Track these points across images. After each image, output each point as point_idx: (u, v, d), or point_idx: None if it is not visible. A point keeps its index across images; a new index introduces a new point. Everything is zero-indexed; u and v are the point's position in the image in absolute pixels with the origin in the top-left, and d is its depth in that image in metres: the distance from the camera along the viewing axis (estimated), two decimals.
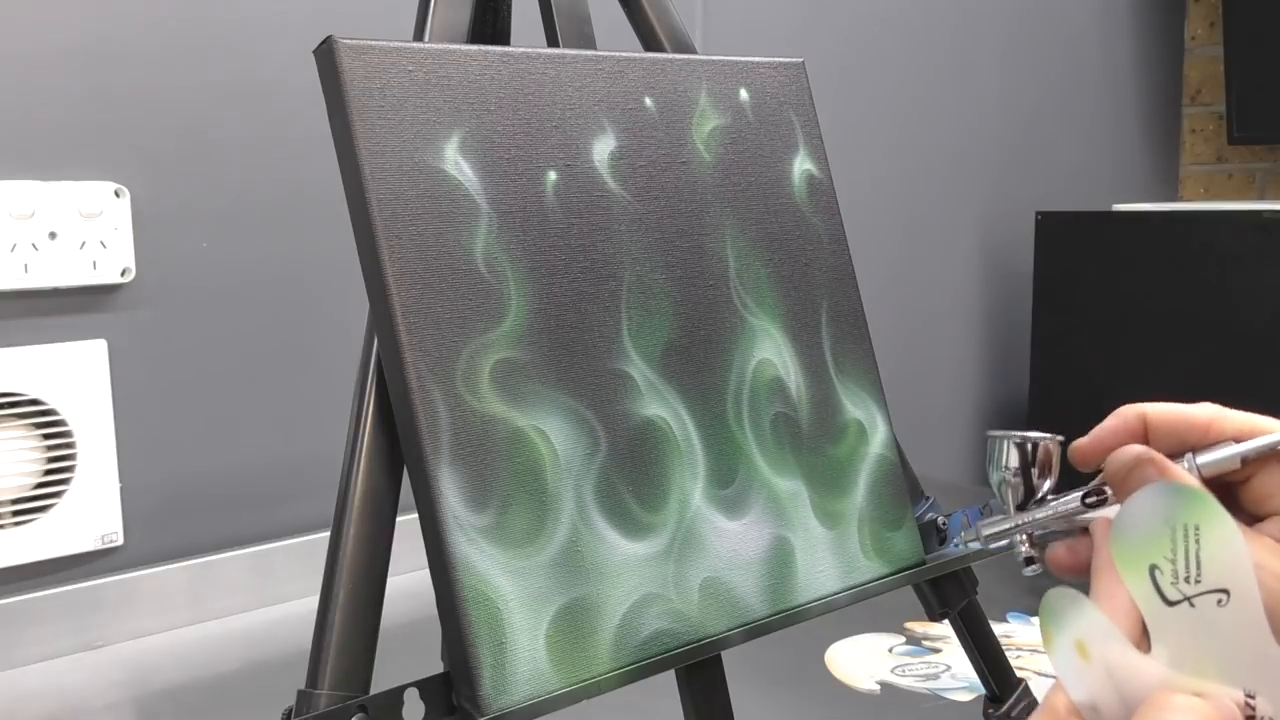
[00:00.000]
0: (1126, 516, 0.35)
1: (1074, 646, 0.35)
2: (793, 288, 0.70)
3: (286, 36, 1.37)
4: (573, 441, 0.59)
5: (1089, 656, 0.35)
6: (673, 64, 0.68)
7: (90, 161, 1.26)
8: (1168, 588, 0.34)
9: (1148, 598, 0.35)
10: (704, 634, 0.61)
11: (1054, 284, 2.08)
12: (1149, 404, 0.43)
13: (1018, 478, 0.46)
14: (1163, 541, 0.34)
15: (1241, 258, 1.86)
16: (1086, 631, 0.35)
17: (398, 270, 0.55)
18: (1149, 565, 0.34)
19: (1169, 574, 0.34)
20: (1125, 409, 0.43)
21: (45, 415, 1.24)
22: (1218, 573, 0.33)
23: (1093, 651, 0.35)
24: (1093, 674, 0.35)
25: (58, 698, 1.15)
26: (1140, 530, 0.35)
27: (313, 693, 0.53)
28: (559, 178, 0.61)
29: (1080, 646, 0.35)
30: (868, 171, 1.99)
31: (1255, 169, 2.58)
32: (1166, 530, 0.34)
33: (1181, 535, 0.34)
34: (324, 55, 0.56)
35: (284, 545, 1.41)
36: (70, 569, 1.28)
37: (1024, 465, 0.46)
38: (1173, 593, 0.34)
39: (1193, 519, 0.34)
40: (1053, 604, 0.36)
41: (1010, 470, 0.46)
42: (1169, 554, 0.34)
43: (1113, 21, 2.48)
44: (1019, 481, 0.46)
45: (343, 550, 0.56)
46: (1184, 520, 0.34)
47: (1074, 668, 0.35)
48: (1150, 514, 0.34)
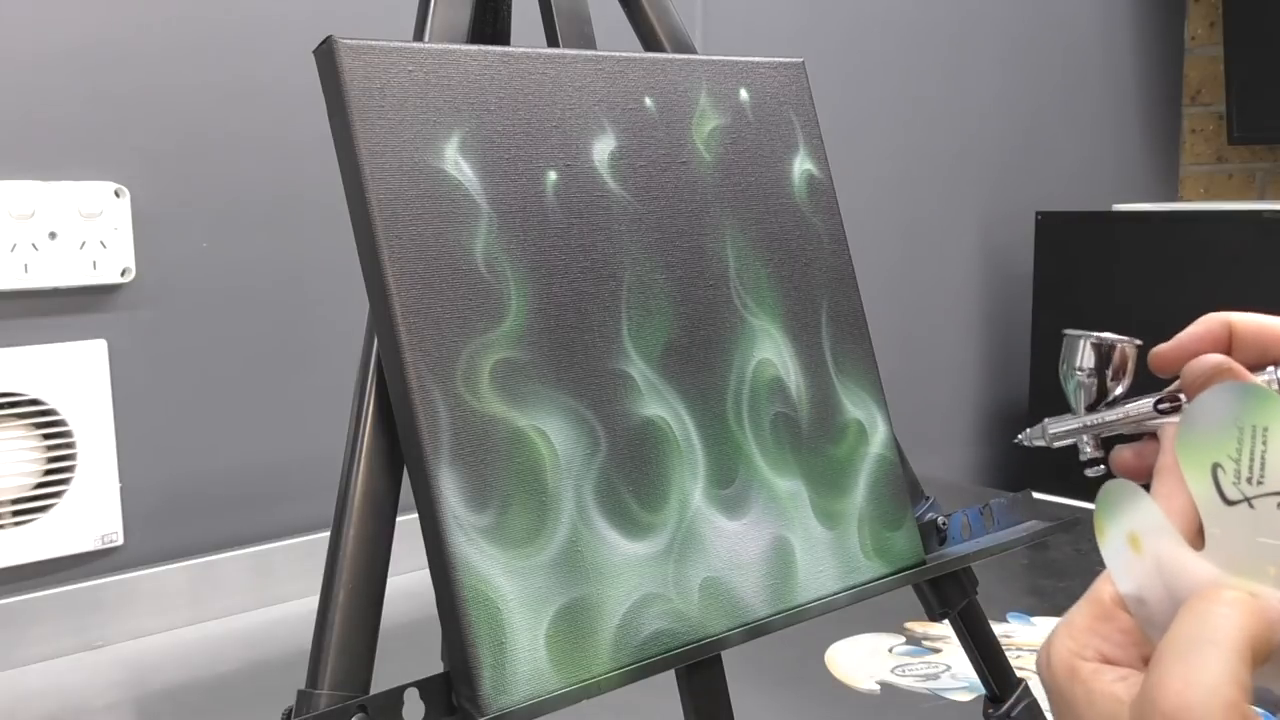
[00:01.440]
0: (1195, 411, 0.34)
1: (1126, 538, 0.35)
2: (793, 288, 0.70)
3: (286, 36, 1.37)
4: (573, 441, 0.59)
5: (1140, 549, 0.34)
6: (673, 64, 0.68)
7: (90, 161, 1.26)
8: (1229, 487, 0.34)
9: (1207, 495, 0.34)
10: (704, 634, 0.61)
11: (1054, 284, 2.08)
12: (1236, 313, 0.42)
13: (1091, 378, 0.45)
14: (1228, 440, 0.34)
15: (1241, 258, 1.86)
16: (1140, 524, 0.35)
17: (398, 270, 0.55)
18: (1212, 463, 0.34)
19: (1231, 473, 0.34)
20: (1211, 316, 0.42)
21: (45, 415, 1.24)
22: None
23: (1145, 545, 0.34)
24: (1142, 567, 0.34)
25: (58, 698, 1.15)
26: (1207, 427, 0.34)
27: (313, 693, 0.53)
28: (559, 178, 0.61)
29: (1133, 539, 0.35)
30: (868, 171, 1.99)
31: (1255, 169, 2.58)
32: (1234, 429, 0.33)
33: (1249, 435, 0.33)
34: (324, 55, 0.56)
35: (284, 545, 1.41)
36: (70, 569, 1.28)
37: (1099, 365, 0.45)
38: (1233, 492, 0.34)
39: (1262, 420, 0.33)
40: (1109, 494, 0.35)
41: (1084, 370, 0.45)
42: (1234, 453, 0.33)
43: (1113, 21, 2.48)
44: (1092, 382, 0.45)
45: (343, 550, 0.55)
46: (1253, 421, 0.33)
47: (1124, 559, 0.35)
48: (1219, 412, 0.34)
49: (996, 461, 2.29)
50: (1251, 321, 0.42)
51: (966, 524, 0.74)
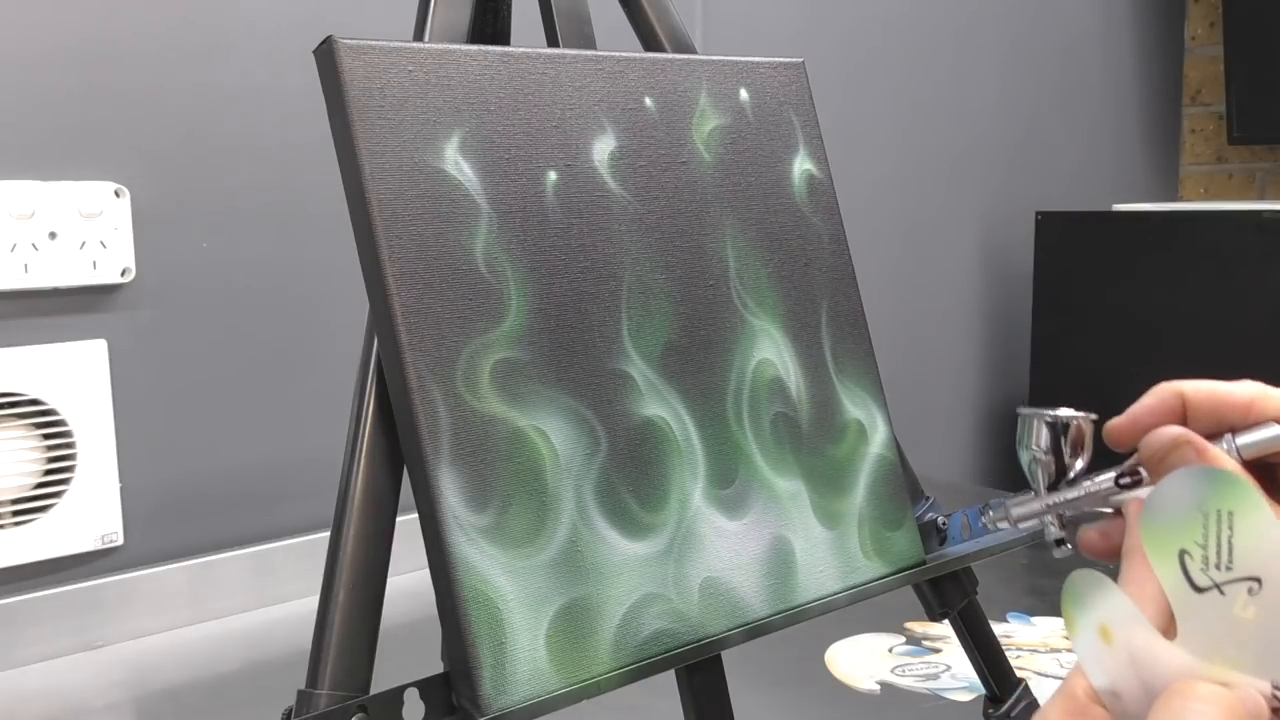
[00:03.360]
0: (1158, 500, 0.34)
1: (1097, 630, 0.34)
2: (793, 288, 0.70)
3: (286, 37, 1.37)
4: (573, 441, 0.59)
5: (1112, 641, 0.34)
6: (673, 64, 0.68)
7: (90, 161, 1.26)
8: (1197, 574, 0.33)
9: (1176, 584, 0.34)
10: (704, 634, 0.61)
11: (1054, 284, 2.08)
12: (1188, 381, 0.41)
13: (1049, 456, 0.44)
14: (1194, 526, 0.33)
15: (1241, 258, 1.86)
16: (1111, 615, 0.34)
17: (398, 270, 0.55)
18: (1179, 551, 0.33)
19: (1199, 560, 0.33)
20: (1163, 386, 0.42)
21: (45, 415, 1.24)
22: (1250, 560, 0.32)
23: (1116, 636, 0.34)
24: (1115, 659, 0.34)
25: (58, 698, 1.15)
26: (1171, 514, 0.34)
27: (313, 693, 0.53)
28: (559, 178, 0.61)
29: (1104, 630, 0.34)
30: (868, 172, 1.99)
31: (1255, 169, 2.58)
32: (1198, 515, 0.33)
33: (1214, 521, 0.33)
34: (324, 55, 0.56)
35: (284, 545, 1.41)
36: (70, 569, 1.28)
37: (1055, 444, 0.44)
38: (1202, 579, 0.33)
39: (1226, 504, 0.33)
40: (1077, 586, 0.35)
41: (1041, 449, 0.44)
42: (1200, 540, 0.33)
43: (1113, 21, 2.48)
44: (1050, 460, 0.44)
45: (343, 550, 0.56)
46: (1217, 505, 0.33)
47: (1096, 652, 0.34)
48: (1182, 498, 0.33)
49: (996, 461, 2.29)
50: (1203, 389, 0.41)
51: (966, 524, 0.74)
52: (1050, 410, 0.44)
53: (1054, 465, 0.44)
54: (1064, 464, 0.44)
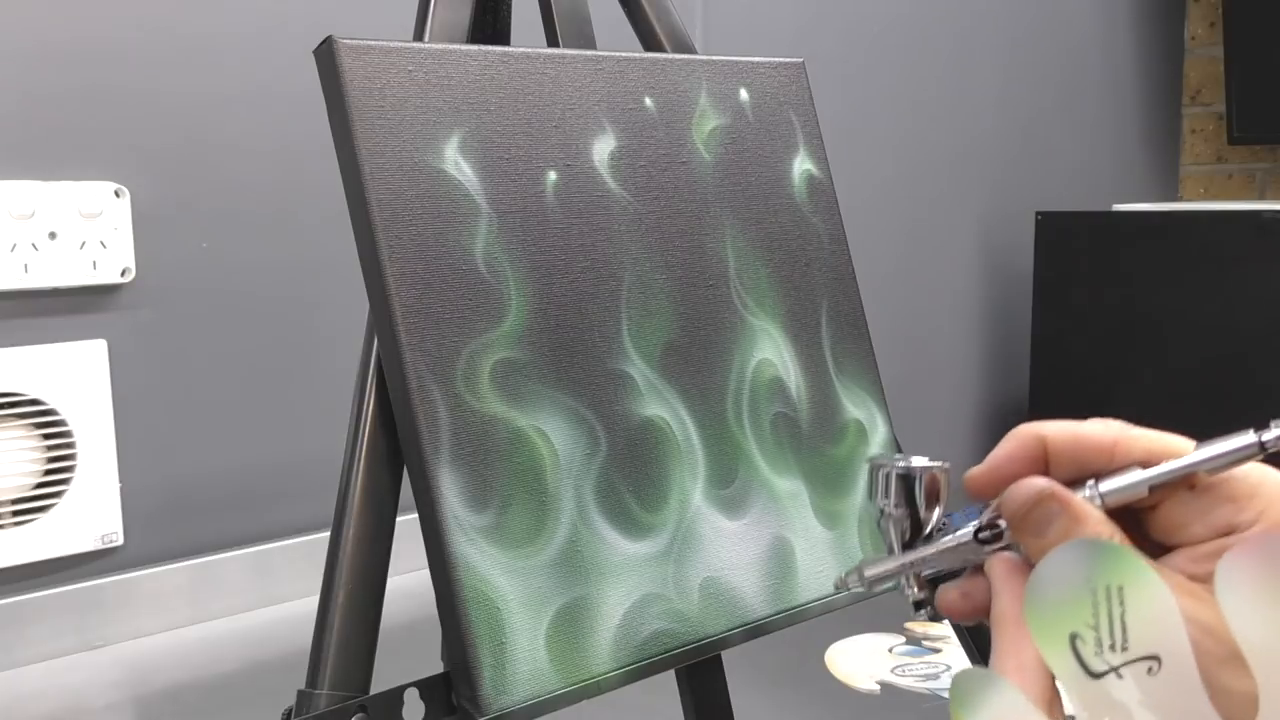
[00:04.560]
0: (1041, 581, 0.31)
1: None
2: (793, 288, 0.70)
3: (286, 37, 1.37)
4: (573, 441, 0.59)
5: None
6: (673, 64, 0.68)
7: (90, 161, 1.26)
8: (1091, 658, 0.31)
9: (1069, 669, 0.31)
10: (704, 634, 0.61)
11: (1054, 284, 2.08)
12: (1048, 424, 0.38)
13: (901, 509, 0.40)
14: (1083, 607, 0.31)
15: (1241, 258, 1.86)
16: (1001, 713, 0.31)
17: (398, 270, 0.55)
18: (1069, 634, 0.31)
19: (1092, 642, 0.31)
20: (1021, 429, 0.38)
21: (45, 415, 1.24)
22: (1147, 638, 0.30)
23: None
24: None
25: (58, 697, 1.15)
26: (1058, 596, 0.31)
27: (313, 693, 0.53)
28: (559, 178, 0.61)
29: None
30: (868, 171, 1.99)
31: (1255, 169, 2.58)
32: (1087, 594, 0.31)
33: (1104, 599, 0.30)
34: (324, 55, 0.56)
35: (284, 545, 1.41)
36: (70, 569, 1.28)
37: (908, 497, 0.40)
38: (1097, 664, 0.30)
39: (1116, 579, 0.30)
40: (963, 687, 0.32)
41: (893, 503, 0.40)
42: (1091, 620, 0.31)
43: (1113, 21, 2.48)
44: (903, 514, 0.40)
45: (343, 550, 0.55)
46: (1106, 581, 0.30)
47: None
48: (1068, 577, 0.31)
49: None
50: (1065, 431, 0.38)
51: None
52: (901, 460, 0.40)
53: (908, 520, 0.40)
54: (919, 518, 0.40)
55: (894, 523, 0.40)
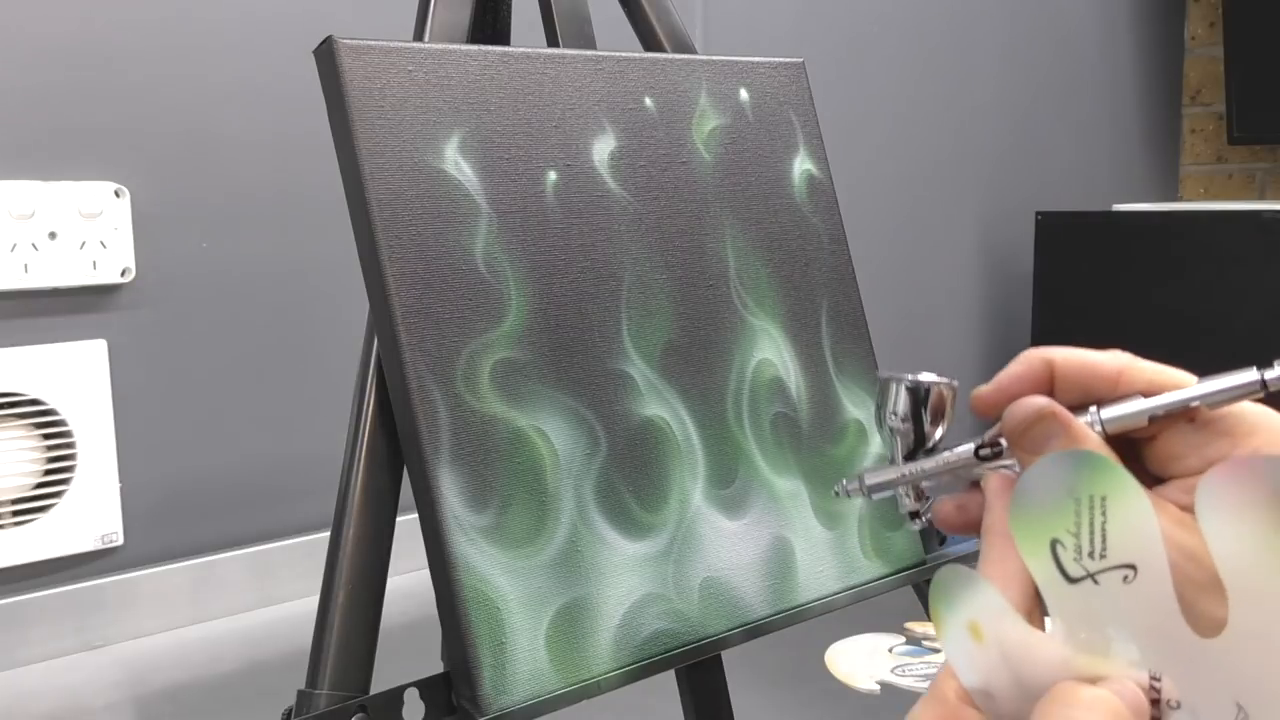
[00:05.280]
0: (1026, 487, 0.32)
1: (966, 628, 0.32)
2: (793, 288, 0.70)
3: (286, 36, 1.37)
4: (573, 441, 0.59)
5: (982, 638, 0.32)
6: (673, 64, 0.68)
7: (90, 161, 1.26)
8: (1070, 563, 0.31)
9: (1048, 574, 0.32)
10: (704, 634, 0.61)
11: (1054, 284, 2.08)
12: (1057, 349, 0.39)
13: (907, 424, 0.41)
14: (1065, 514, 0.31)
15: (1241, 258, 1.86)
16: (980, 611, 0.32)
17: (398, 270, 0.55)
18: (1050, 539, 0.32)
19: (1071, 549, 0.31)
20: (1031, 352, 0.39)
21: (45, 415, 1.24)
22: (1125, 547, 0.31)
23: (986, 633, 0.32)
24: (986, 657, 0.32)
25: (58, 697, 1.15)
26: (1041, 502, 0.32)
27: (313, 693, 0.53)
28: (559, 178, 0.61)
29: (973, 628, 0.32)
30: (868, 171, 1.99)
31: (1255, 169, 2.58)
32: (1070, 502, 0.31)
33: (1086, 507, 0.31)
34: (324, 55, 0.56)
35: (284, 545, 1.41)
36: (70, 569, 1.28)
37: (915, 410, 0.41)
38: (1075, 569, 0.31)
39: (1099, 489, 0.31)
40: (944, 583, 0.33)
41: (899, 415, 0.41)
42: (1072, 527, 0.31)
43: (1113, 21, 2.48)
44: (909, 428, 0.41)
45: (343, 550, 0.56)
46: (1089, 491, 0.31)
47: (966, 651, 0.33)
48: (1052, 484, 0.32)
49: None
50: (1073, 358, 0.38)
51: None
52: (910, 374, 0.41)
53: (913, 433, 0.41)
54: (923, 432, 0.41)
55: (899, 435, 0.41)
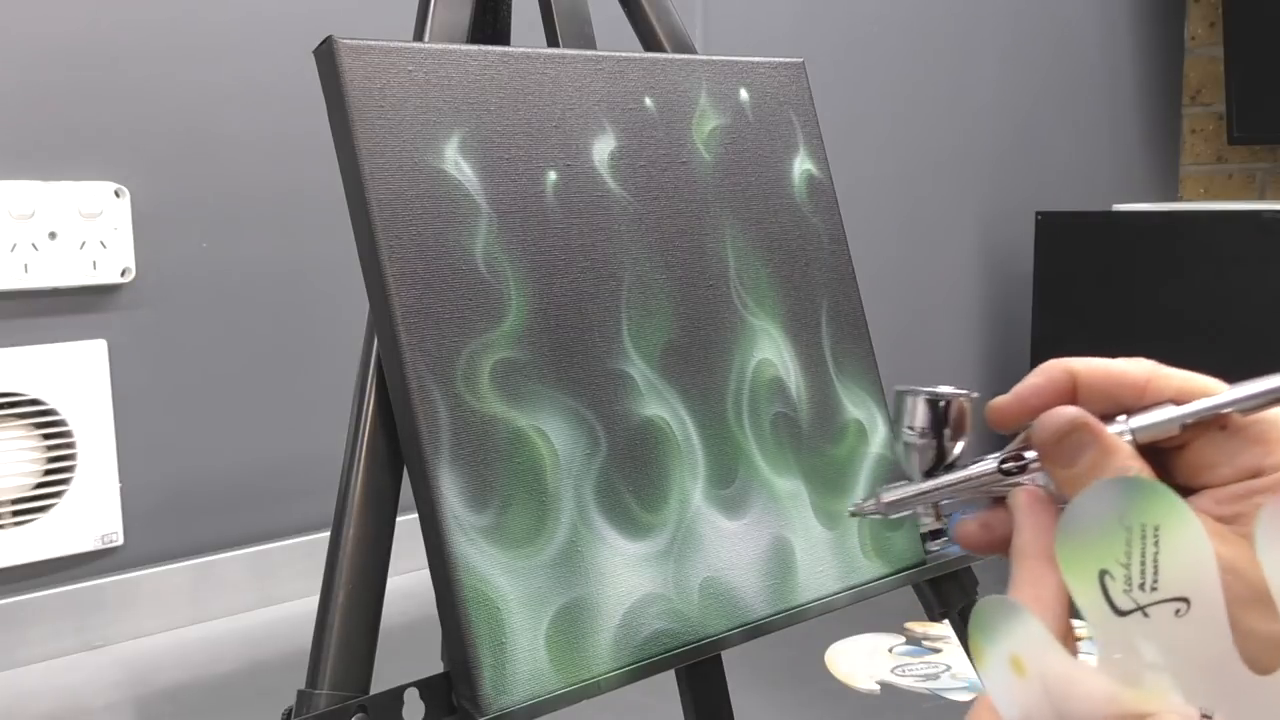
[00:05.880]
0: (1075, 514, 0.31)
1: (1008, 661, 0.31)
2: (793, 288, 0.70)
3: (286, 36, 1.37)
4: (573, 441, 0.59)
5: (1025, 671, 0.31)
6: (673, 64, 0.68)
7: (90, 161, 1.26)
8: (1119, 595, 0.30)
9: (1096, 605, 0.31)
10: (704, 634, 0.61)
11: (1054, 284, 2.08)
12: (1078, 359, 0.38)
13: (926, 438, 0.39)
14: (1116, 544, 0.30)
15: (1241, 258, 1.86)
16: (1022, 644, 0.31)
17: (398, 270, 0.55)
18: (1099, 570, 0.31)
19: (1121, 580, 0.30)
20: (1052, 364, 0.38)
21: (45, 415, 1.24)
22: (1178, 579, 0.30)
23: (1029, 665, 0.31)
24: (1027, 691, 0.31)
25: (58, 697, 1.15)
26: (1090, 530, 0.31)
27: (313, 693, 0.53)
28: (559, 178, 0.61)
29: (1015, 660, 0.31)
30: (868, 171, 1.99)
31: (1255, 169, 2.58)
32: (1121, 531, 0.30)
33: (1139, 537, 0.30)
34: (324, 55, 0.56)
35: (284, 545, 1.41)
36: (70, 569, 1.28)
37: (935, 424, 0.39)
38: (1125, 602, 0.30)
39: (1152, 518, 0.30)
40: (984, 614, 0.31)
41: (918, 430, 0.39)
42: (1123, 557, 0.30)
43: (1113, 21, 2.48)
44: (928, 443, 0.39)
45: (343, 550, 0.55)
46: (1142, 519, 0.30)
47: (1007, 684, 0.31)
48: (1103, 512, 0.31)
49: None
50: (1096, 367, 0.37)
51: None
52: (929, 387, 0.39)
53: (933, 448, 0.39)
54: (943, 447, 0.39)
55: (918, 450, 0.40)
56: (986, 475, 0.38)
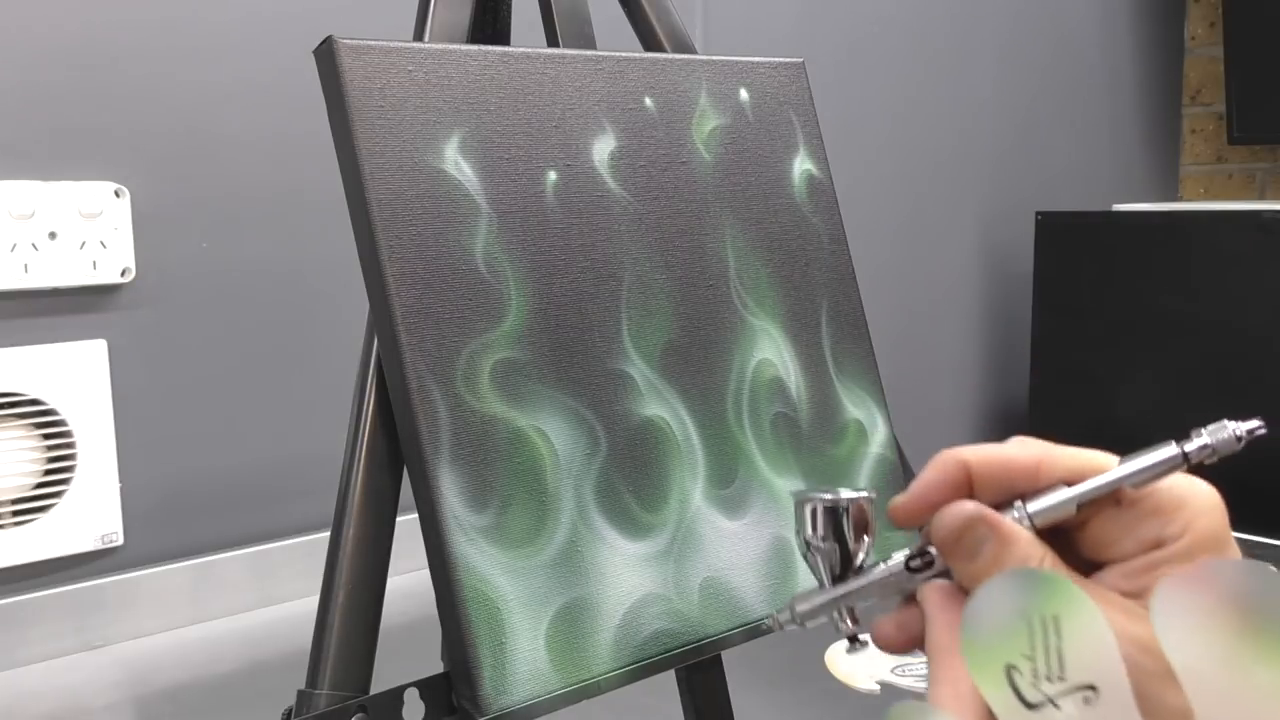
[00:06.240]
0: (975, 613, 0.31)
1: None
2: (793, 288, 0.70)
3: (286, 36, 1.37)
4: (573, 441, 0.59)
5: None
6: (673, 64, 0.68)
7: (90, 161, 1.26)
8: (1028, 689, 0.30)
9: (1006, 702, 0.31)
10: (704, 634, 0.61)
11: (1054, 284, 2.08)
12: (968, 448, 0.37)
13: (829, 543, 0.39)
14: (1019, 637, 0.30)
15: (1241, 258, 1.86)
16: None
17: (397, 270, 0.55)
18: (1005, 666, 0.31)
19: (1029, 673, 0.30)
20: (943, 456, 0.38)
21: (45, 415, 1.24)
22: (1083, 667, 0.30)
23: None
24: None
25: (58, 697, 1.15)
26: (992, 628, 0.31)
27: (313, 693, 0.53)
28: (559, 178, 0.61)
29: None
30: (868, 171, 1.99)
31: (1255, 169, 2.58)
32: (1023, 624, 0.30)
33: (1040, 629, 0.30)
34: (324, 55, 0.56)
35: (284, 545, 1.41)
36: (70, 569, 1.28)
37: (837, 530, 0.39)
38: (1034, 695, 0.30)
39: (1051, 609, 0.30)
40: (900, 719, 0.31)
41: (820, 535, 0.39)
42: (1027, 651, 0.30)
43: (1113, 21, 2.48)
44: (832, 548, 0.39)
45: (343, 550, 0.56)
46: (1041, 611, 0.30)
47: None
48: (1002, 608, 0.31)
49: None
50: (987, 455, 0.37)
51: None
52: (827, 493, 0.40)
53: (838, 554, 0.39)
54: (848, 550, 0.39)
55: (823, 556, 0.40)
56: (896, 575, 0.38)
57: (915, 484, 0.38)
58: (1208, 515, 0.35)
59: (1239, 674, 0.28)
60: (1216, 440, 0.35)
